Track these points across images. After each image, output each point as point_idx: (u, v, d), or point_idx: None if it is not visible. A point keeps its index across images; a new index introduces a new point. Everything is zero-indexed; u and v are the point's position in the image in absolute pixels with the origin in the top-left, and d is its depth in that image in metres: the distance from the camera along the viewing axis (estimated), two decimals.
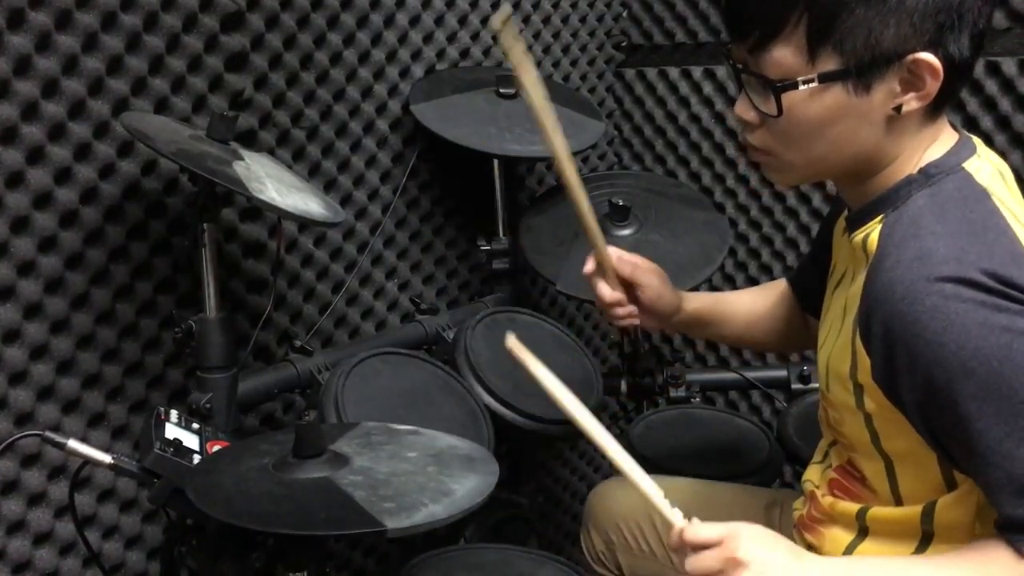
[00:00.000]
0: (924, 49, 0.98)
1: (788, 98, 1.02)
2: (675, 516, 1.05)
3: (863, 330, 1.02)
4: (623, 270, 1.37)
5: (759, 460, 1.80)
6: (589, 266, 1.37)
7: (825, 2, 0.98)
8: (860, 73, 1.00)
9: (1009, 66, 1.89)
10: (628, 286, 1.39)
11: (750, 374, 2.10)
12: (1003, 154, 1.94)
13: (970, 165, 1.06)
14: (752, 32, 1.03)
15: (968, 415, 0.95)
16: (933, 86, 0.99)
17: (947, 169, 1.05)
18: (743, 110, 1.09)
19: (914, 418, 1.01)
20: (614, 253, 1.36)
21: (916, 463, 1.07)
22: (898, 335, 0.97)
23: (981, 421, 0.95)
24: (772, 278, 2.33)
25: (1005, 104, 1.92)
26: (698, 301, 1.47)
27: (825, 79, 1.00)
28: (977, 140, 1.12)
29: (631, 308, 1.39)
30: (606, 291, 1.37)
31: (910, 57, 0.98)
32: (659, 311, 1.41)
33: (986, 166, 1.08)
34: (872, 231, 1.07)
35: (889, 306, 0.97)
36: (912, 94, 1.00)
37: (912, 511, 1.09)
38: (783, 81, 1.01)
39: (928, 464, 1.05)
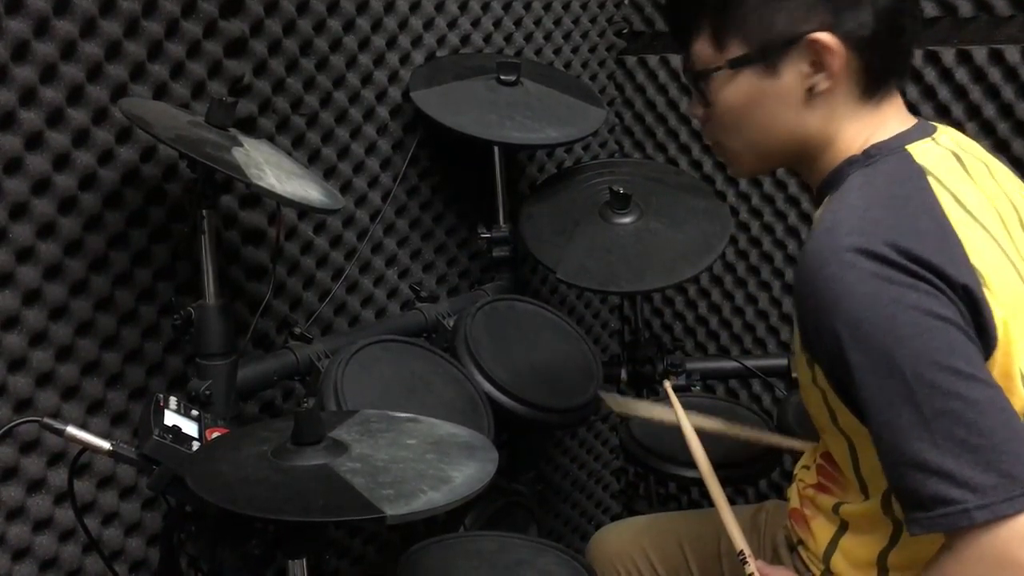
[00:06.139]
0: (820, 29, 1.02)
1: (711, 88, 1.10)
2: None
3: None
4: None
5: (760, 449, 1.79)
6: None
7: None
8: (764, 56, 1.06)
9: (1012, 54, 1.88)
10: None
11: (750, 362, 2.10)
12: (1004, 142, 1.94)
13: (915, 147, 1.07)
14: (679, 33, 1.13)
15: (858, 384, 0.96)
16: (837, 65, 1.03)
17: (888, 150, 1.07)
18: (692, 107, 1.17)
19: (834, 384, 1.03)
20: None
21: (870, 441, 1.05)
22: (806, 303, 0.99)
23: (866, 390, 0.96)
24: (773, 267, 2.32)
25: (1008, 92, 1.91)
26: None
27: (734, 64, 1.07)
28: (946, 128, 1.12)
29: None
30: None
31: (807, 38, 1.02)
32: None
33: (936, 149, 1.08)
34: (819, 212, 1.10)
35: (800, 274, 1.00)
36: (821, 74, 1.04)
37: (874, 504, 1.10)
38: (704, 72, 1.10)
39: None
